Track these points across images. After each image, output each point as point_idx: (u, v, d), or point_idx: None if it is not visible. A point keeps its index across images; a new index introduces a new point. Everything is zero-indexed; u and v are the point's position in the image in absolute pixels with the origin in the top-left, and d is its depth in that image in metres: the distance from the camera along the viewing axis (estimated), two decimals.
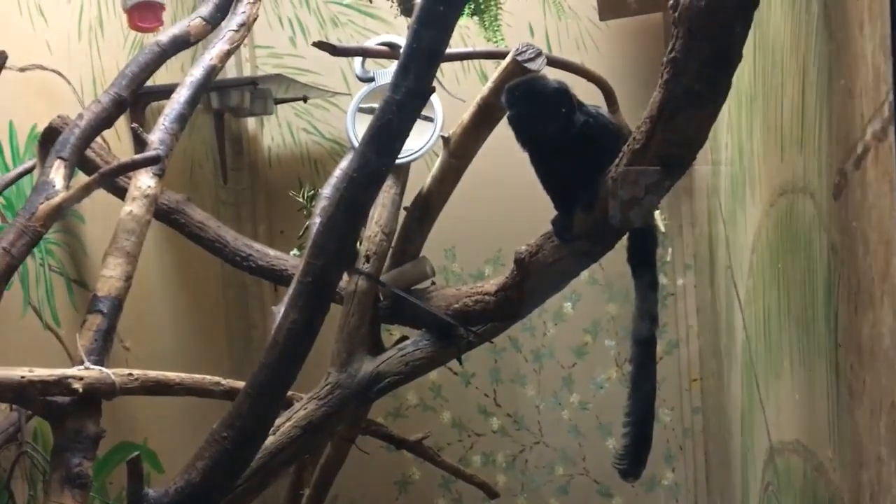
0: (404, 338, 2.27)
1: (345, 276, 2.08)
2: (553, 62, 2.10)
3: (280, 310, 1.97)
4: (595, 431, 3.71)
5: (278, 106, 3.60)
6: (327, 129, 3.83)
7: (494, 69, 3.30)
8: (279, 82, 3.22)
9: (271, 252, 2.57)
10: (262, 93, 3.29)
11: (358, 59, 2.31)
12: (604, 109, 1.58)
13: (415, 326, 2.24)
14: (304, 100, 3.61)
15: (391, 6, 2.83)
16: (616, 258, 2.65)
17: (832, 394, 1.17)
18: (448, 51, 1.68)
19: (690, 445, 3.62)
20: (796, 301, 1.40)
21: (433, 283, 2.20)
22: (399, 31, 3.36)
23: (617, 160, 1.32)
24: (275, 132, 3.89)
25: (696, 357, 3.56)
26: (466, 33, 3.21)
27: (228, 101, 3.13)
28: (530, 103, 1.46)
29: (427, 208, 2.15)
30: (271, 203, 3.89)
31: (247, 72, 3.72)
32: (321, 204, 2.19)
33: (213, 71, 2.49)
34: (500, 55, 2.02)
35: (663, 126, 1.18)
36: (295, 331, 1.65)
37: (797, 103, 1.31)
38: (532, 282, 1.58)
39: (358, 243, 1.97)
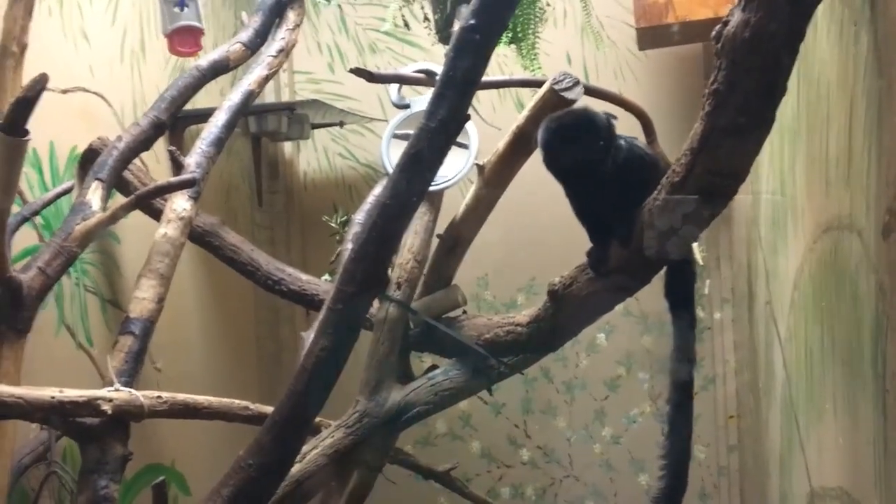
0: (434, 366, 2.24)
1: (375, 303, 2.07)
2: (590, 91, 2.07)
3: (309, 336, 1.96)
4: (627, 467, 3.63)
5: (315, 131, 3.62)
6: (363, 155, 3.84)
7: (531, 97, 3.33)
8: (316, 108, 3.23)
9: (304, 276, 2.57)
10: (299, 118, 3.31)
11: (394, 86, 2.31)
12: (640, 140, 1.55)
13: (445, 355, 2.21)
14: (341, 125, 3.62)
15: (429, 34, 2.84)
16: (652, 290, 2.61)
17: (879, 440, 1.12)
18: (485, 79, 1.67)
19: (726, 484, 3.53)
20: (841, 342, 1.35)
21: (464, 312, 2.17)
22: (436, 59, 3.37)
23: (655, 192, 1.28)
24: (311, 157, 3.90)
25: (734, 394, 3.48)
26: (504, 61, 3.20)
27: (266, 125, 3.15)
28: (567, 136, 1.43)
29: (460, 236, 2.13)
30: (305, 227, 3.90)
31: (285, 97, 3.75)
32: (353, 230, 2.18)
33: (250, 96, 2.51)
34: (537, 84, 2.00)
35: (704, 158, 1.15)
36: (324, 358, 1.63)
37: (844, 139, 1.27)
38: (565, 314, 1.55)
39: (389, 270, 1.95)
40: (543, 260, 3.64)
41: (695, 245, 2.60)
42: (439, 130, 1.59)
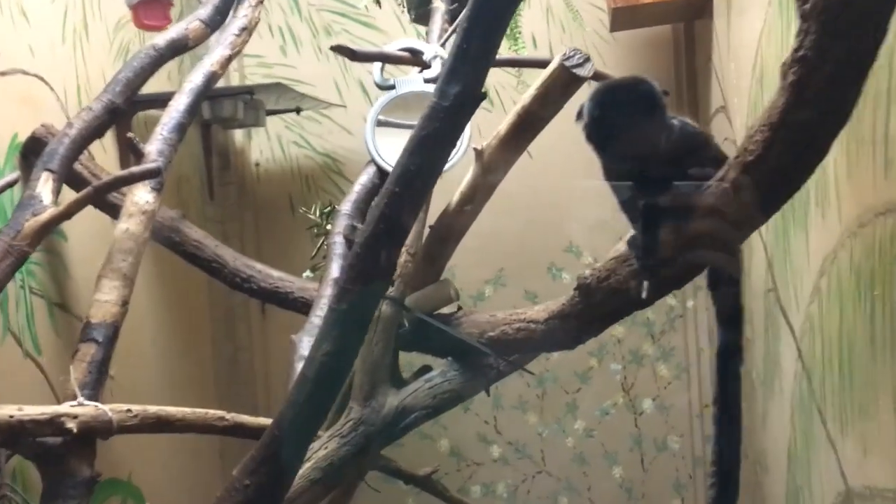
0: (426, 367, 2.09)
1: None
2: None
3: (301, 339, 1.79)
4: (601, 460, 3.55)
5: (267, 118, 3.41)
6: (320, 143, 3.64)
7: (519, 77, 3.19)
8: (277, 92, 3.03)
9: (275, 273, 2.38)
10: (255, 103, 3.11)
11: (377, 66, 2.14)
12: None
13: (438, 355, 2.07)
14: (298, 111, 3.43)
15: (403, 11, 2.67)
16: None
17: None
18: None
19: (701, 474, 3.48)
20: None
21: (459, 308, 2.03)
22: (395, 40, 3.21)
23: (722, 173, 1.16)
24: (263, 145, 3.69)
25: (708, 382, 3.42)
26: None
27: (220, 111, 2.94)
28: (624, 108, 1.29)
29: (453, 227, 1.98)
30: (259, 221, 3.69)
31: (235, 81, 3.53)
32: (341, 222, 2.01)
33: (213, 78, 2.30)
34: (538, 63, 1.87)
35: (785, 135, 1.03)
36: (328, 364, 1.46)
37: None
38: (597, 310, 1.42)
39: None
40: (511, 251, 3.52)
41: None
42: (453, 110, 1.43)
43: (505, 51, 2.68)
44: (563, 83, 1.70)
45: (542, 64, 1.88)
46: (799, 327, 1.91)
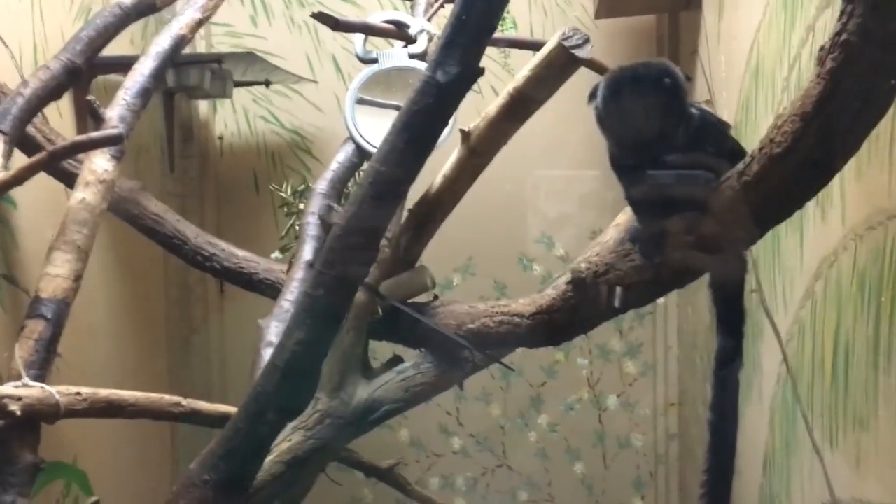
0: (398, 358, 2.00)
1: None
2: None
3: (268, 324, 1.68)
4: (563, 455, 3.49)
5: (234, 90, 3.26)
6: (288, 119, 3.51)
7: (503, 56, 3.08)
8: (246, 62, 2.89)
9: (239, 252, 2.25)
10: (222, 73, 2.96)
11: (359, 38, 2.02)
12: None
13: (412, 345, 1.97)
14: (267, 84, 3.29)
15: None
16: None
17: None
18: None
19: (663, 472, 3.44)
20: None
21: (436, 297, 1.93)
22: (369, 11, 3.09)
23: (743, 166, 1.08)
24: (228, 118, 3.54)
25: (675, 381, 3.38)
26: None
27: (186, 79, 2.78)
28: (644, 94, 1.20)
29: (434, 211, 1.88)
30: (221, 197, 3.55)
31: (201, 49, 3.38)
32: (316, 202, 1.89)
33: (181, 42, 2.16)
34: (533, 45, 1.77)
35: (819, 126, 0.96)
36: (300, 353, 1.36)
37: None
38: (593, 306, 1.33)
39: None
40: (481, 239, 3.43)
41: None
42: (448, 85, 1.33)
43: None
44: (560, 64, 1.61)
45: (535, 45, 1.78)
46: (786, 331, 1.85)
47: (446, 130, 1.82)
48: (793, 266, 1.77)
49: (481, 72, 1.36)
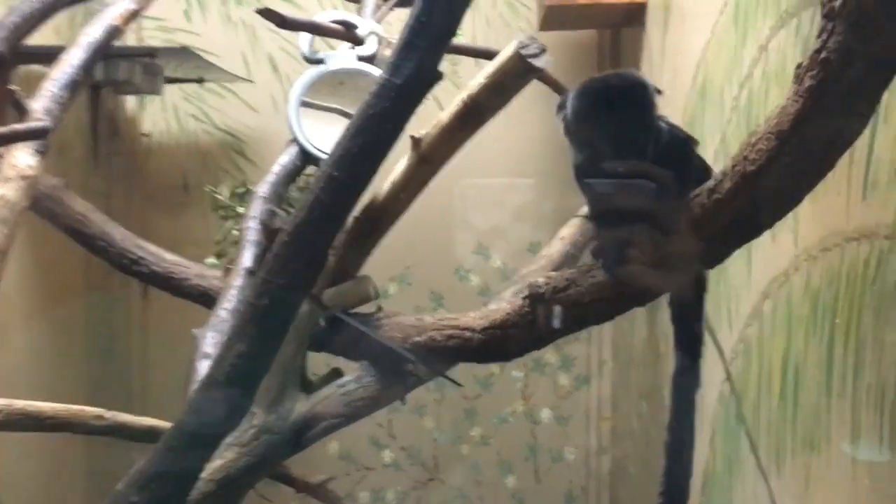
0: (337, 371, 1.92)
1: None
2: None
3: (204, 334, 1.58)
4: (495, 468, 3.46)
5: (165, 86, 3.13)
6: (221, 119, 3.39)
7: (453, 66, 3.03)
8: (180, 58, 2.77)
9: (168, 256, 2.14)
10: (153, 68, 2.83)
11: (305, 37, 1.94)
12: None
13: (353, 358, 1.90)
14: (200, 82, 3.16)
15: None
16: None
17: None
18: None
19: (594, 486, 3.44)
20: (874, 368, 1.18)
21: (380, 309, 1.87)
22: (307, 11, 3.01)
23: (712, 184, 1.06)
24: (157, 116, 3.40)
25: (609, 395, 3.38)
26: None
27: (115, 73, 2.65)
28: (616, 105, 1.17)
29: (380, 220, 1.82)
30: (148, 197, 3.40)
31: (130, 44, 3.23)
32: (257, 205, 1.80)
33: (114, 33, 2.05)
34: (485, 53, 1.74)
35: (795, 145, 0.94)
36: (241, 367, 1.28)
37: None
38: (549, 323, 1.29)
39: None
40: (418, 249, 3.37)
41: None
42: (406, 89, 1.28)
43: None
44: (516, 73, 1.58)
45: (485, 54, 1.74)
46: (730, 349, 1.85)
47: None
48: (739, 284, 1.77)
49: (440, 76, 1.32)
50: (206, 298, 2.07)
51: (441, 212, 3.29)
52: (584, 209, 2.41)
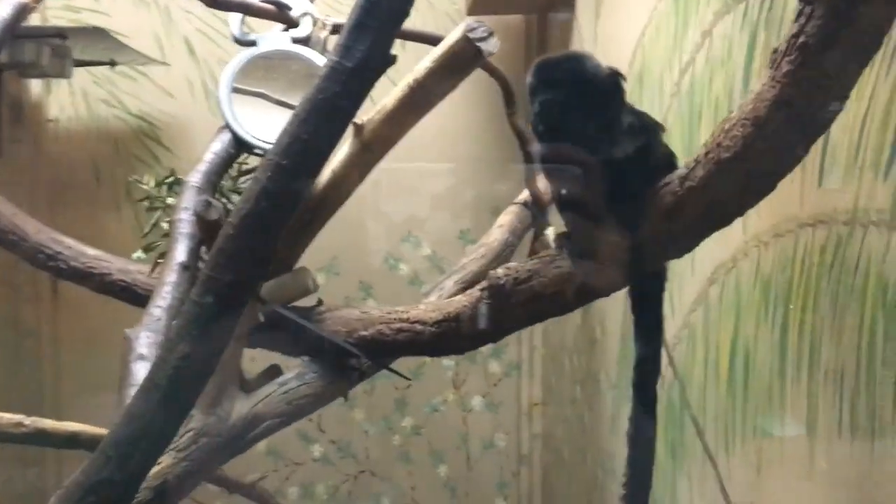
0: (275, 368, 1.84)
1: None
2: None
3: (137, 335, 1.48)
4: (427, 458, 3.43)
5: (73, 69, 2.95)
6: (134, 104, 3.23)
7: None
8: (91, 39, 2.60)
9: (89, 251, 2.01)
10: (62, 50, 2.66)
11: (236, 18, 1.84)
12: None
13: (293, 354, 1.82)
14: (112, 65, 3.00)
15: None
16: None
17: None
18: None
19: (526, 472, 3.45)
20: (832, 353, 1.19)
21: (320, 302, 1.80)
22: None
23: (684, 171, 1.03)
24: (65, 101, 3.22)
25: (540, 381, 3.39)
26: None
27: (21, 54, 2.48)
28: (575, 88, 1.12)
29: (319, 210, 1.75)
30: (55, 187, 3.22)
31: (35, 24, 3.03)
32: (189, 196, 1.70)
33: (24, 11, 1.90)
34: (430, 39, 1.68)
35: (770, 132, 0.92)
36: (185, 370, 1.19)
37: (858, 117, 1.11)
38: (511, 314, 1.25)
39: None
40: (346, 238, 3.29)
41: (550, 229, 2.43)
42: (358, 71, 1.21)
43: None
44: (464, 58, 1.53)
45: (430, 39, 1.69)
46: (673, 335, 1.86)
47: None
48: (682, 270, 1.77)
49: (394, 59, 1.25)
50: (131, 294, 1.96)
51: (367, 199, 3.24)
52: (522, 195, 2.39)
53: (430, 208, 3.40)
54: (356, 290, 3.32)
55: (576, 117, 1.09)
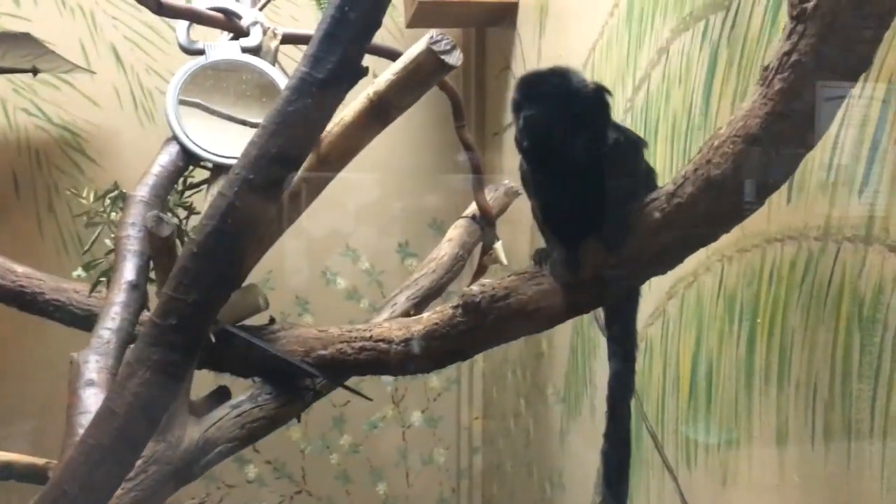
0: (224, 390, 1.77)
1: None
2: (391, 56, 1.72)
3: (86, 358, 1.39)
4: (366, 476, 3.37)
5: None
6: (56, 113, 3.08)
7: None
8: (14, 45, 2.47)
9: (18, 269, 1.90)
10: None
11: (182, 25, 1.77)
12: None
13: (243, 374, 1.75)
14: (34, 72, 2.85)
15: None
16: (390, 278, 2.41)
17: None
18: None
19: (466, 487, 3.43)
20: (803, 366, 1.21)
21: (272, 320, 1.74)
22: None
23: (674, 187, 1.02)
24: None
25: (480, 394, 3.38)
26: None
27: None
28: (561, 103, 1.10)
29: (275, 223, 1.68)
30: None
31: None
32: (136, 211, 1.61)
33: None
34: (390, 54, 1.65)
35: (764, 148, 0.92)
36: (145, 397, 1.13)
37: (829, 134, 1.13)
38: (487, 332, 1.22)
39: None
40: (281, 251, 3.19)
41: (499, 243, 2.41)
42: (329, 83, 1.17)
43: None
44: (427, 70, 1.50)
45: (389, 54, 1.66)
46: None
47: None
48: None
49: (366, 71, 1.22)
50: (66, 314, 1.86)
51: (306, 212, 3.17)
52: (469, 209, 2.37)
53: (367, 221, 3.36)
54: (292, 305, 3.25)
55: (561, 133, 1.07)
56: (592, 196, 1.08)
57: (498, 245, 2.33)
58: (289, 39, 1.85)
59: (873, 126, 1.04)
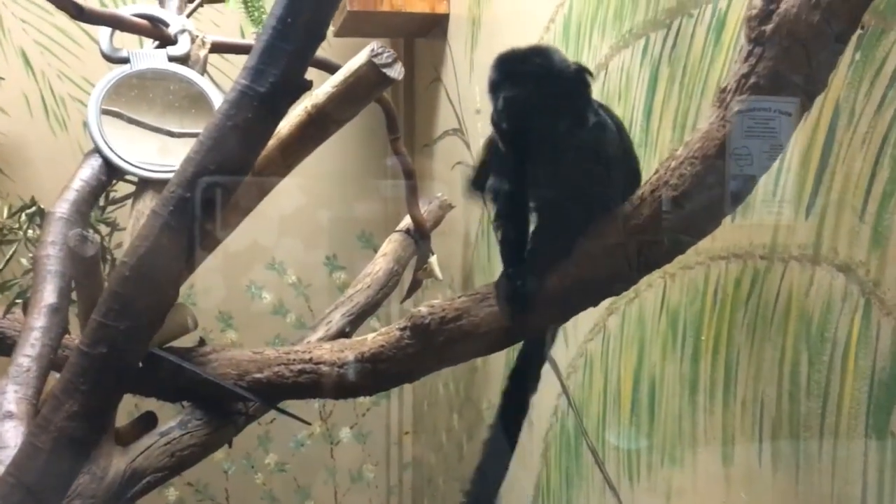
0: (150, 416, 1.69)
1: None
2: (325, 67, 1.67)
3: (3, 389, 1.29)
4: (292, 496, 3.30)
5: None
6: None
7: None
8: None
9: None
10: None
11: (105, 32, 1.67)
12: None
13: (170, 399, 1.67)
14: None
15: None
16: (317, 291, 2.36)
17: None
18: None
19: (395, 503, 3.38)
20: (750, 383, 1.22)
21: (202, 342, 1.66)
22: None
23: (630, 208, 1.00)
24: None
25: (410, 409, 3.34)
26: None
27: None
28: (541, 84, 1.04)
29: (205, 239, 1.61)
30: None
31: None
32: (56, 228, 1.50)
33: None
34: (327, 66, 1.60)
35: (721, 168, 0.92)
36: (73, 430, 1.05)
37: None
38: (436, 354, 1.19)
39: None
40: (204, 265, 3.11)
41: (433, 258, 2.38)
42: (270, 97, 1.12)
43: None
44: (368, 83, 1.46)
45: (328, 67, 1.61)
46: (567, 364, 1.86)
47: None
48: None
49: (309, 84, 1.17)
50: None
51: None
52: (403, 223, 2.33)
53: (293, 233, 3.28)
54: (214, 320, 3.14)
55: (541, 115, 1.02)
56: (569, 182, 1.04)
57: (433, 259, 2.30)
58: (218, 48, 1.78)
59: (820, 147, 1.06)
